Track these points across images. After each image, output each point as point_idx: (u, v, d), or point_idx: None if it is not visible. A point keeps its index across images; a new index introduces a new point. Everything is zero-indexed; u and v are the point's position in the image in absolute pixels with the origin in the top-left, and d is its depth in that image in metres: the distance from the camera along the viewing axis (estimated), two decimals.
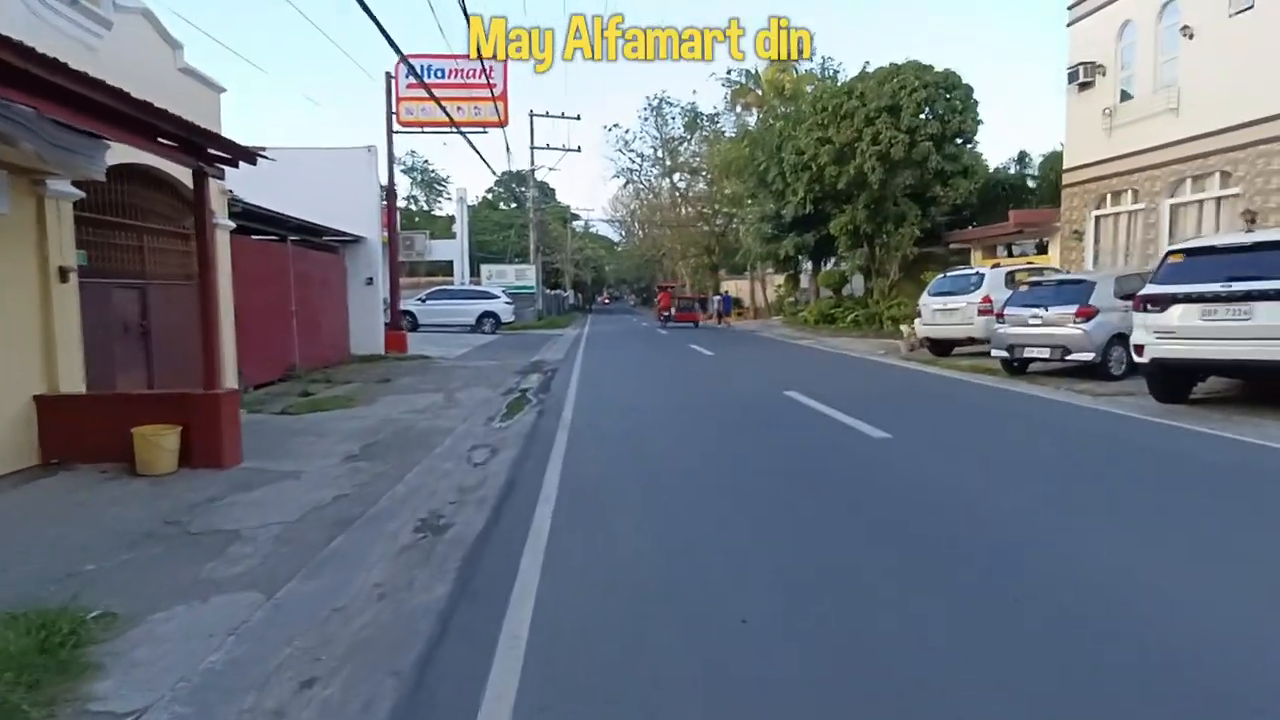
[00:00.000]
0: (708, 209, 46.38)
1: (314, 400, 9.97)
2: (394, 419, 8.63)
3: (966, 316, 13.41)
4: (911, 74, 19.72)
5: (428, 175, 64.61)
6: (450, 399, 10.37)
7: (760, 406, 9.02)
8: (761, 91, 37.17)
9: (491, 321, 26.31)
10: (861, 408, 8.15)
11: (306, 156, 15.87)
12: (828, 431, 7.08)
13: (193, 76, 8.40)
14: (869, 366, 13.66)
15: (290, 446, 7.06)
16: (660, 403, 9.75)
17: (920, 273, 23.78)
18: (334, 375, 13.11)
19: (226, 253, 9.26)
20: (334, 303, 15.24)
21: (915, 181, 19.84)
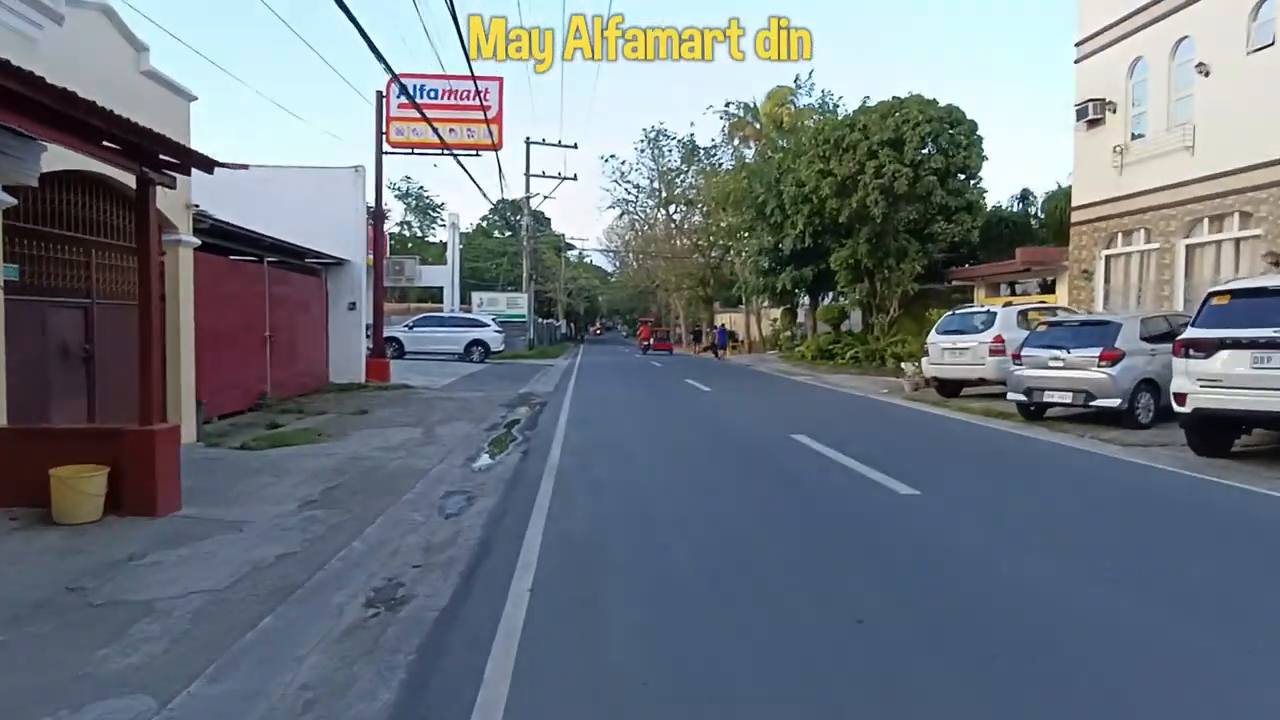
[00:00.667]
0: (703, 241, 46.08)
1: (280, 434, 9.18)
2: (364, 457, 7.85)
3: (977, 357, 12.79)
4: (915, 108, 19.40)
5: (422, 201, 64.28)
6: (429, 434, 9.60)
7: (767, 452, 8.28)
8: (760, 125, 37.13)
9: (480, 350, 25.56)
10: (878, 456, 7.44)
11: (291, 175, 15.27)
12: (847, 485, 6.33)
13: (158, 81, 7.76)
14: (875, 407, 12.98)
15: (242, 489, 6.27)
16: (656, 444, 9.00)
17: (921, 309, 23.29)
18: (308, 405, 12.32)
19: (189, 272, 8.54)
20: (313, 328, 14.50)
21: (919, 216, 19.40)
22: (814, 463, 7.36)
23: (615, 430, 10.24)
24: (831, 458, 7.48)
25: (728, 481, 6.63)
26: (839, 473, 6.80)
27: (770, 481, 6.64)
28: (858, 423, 10.90)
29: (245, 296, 11.37)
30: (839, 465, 7.11)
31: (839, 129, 20.00)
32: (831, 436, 8.77)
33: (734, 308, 56.39)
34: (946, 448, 8.66)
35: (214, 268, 10.17)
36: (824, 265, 25.88)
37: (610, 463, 7.67)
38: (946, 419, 11.13)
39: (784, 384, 18.41)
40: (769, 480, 6.71)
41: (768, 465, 7.39)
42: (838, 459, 7.38)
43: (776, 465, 7.38)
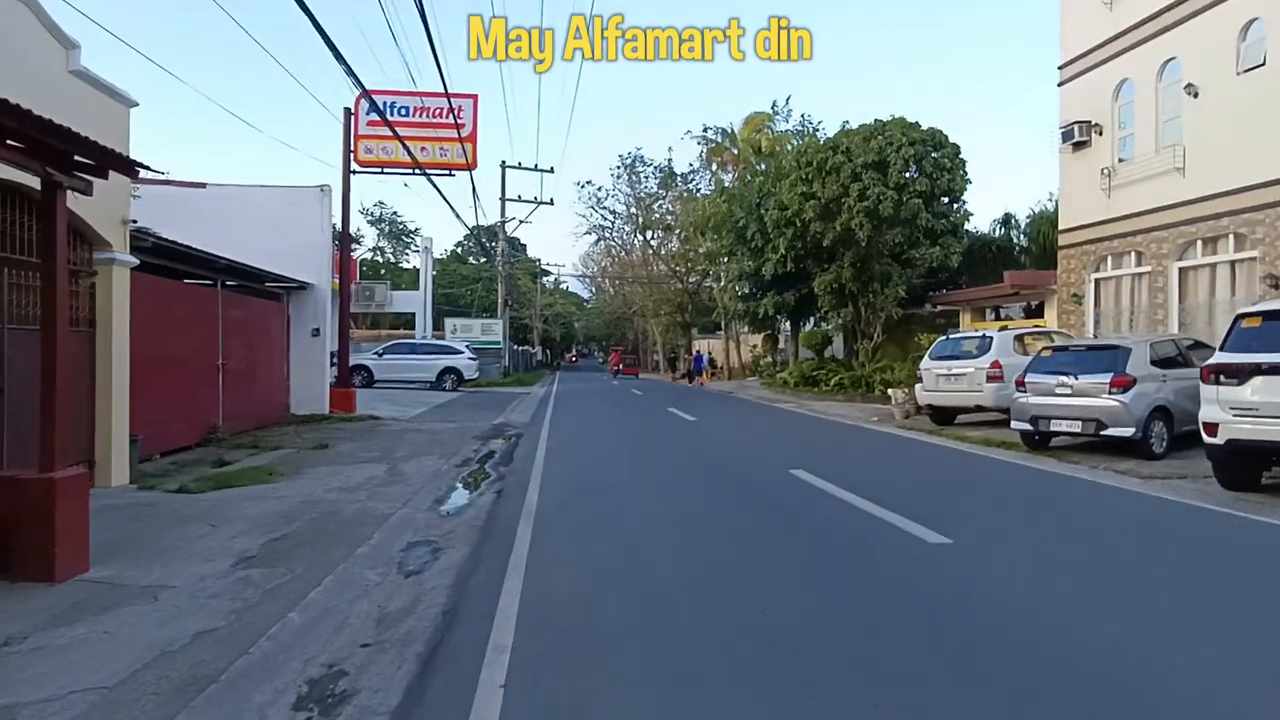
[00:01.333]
0: (681, 266, 45.72)
1: (226, 473, 8.29)
2: (318, 500, 7.01)
3: (974, 383, 12.28)
4: (898, 130, 19.15)
5: (395, 226, 63.34)
6: (394, 472, 8.76)
7: (768, 491, 7.55)
8: (737, 150, 37.04)
9: (453, 378, 24.66)
10: (890, 495, 6.77)
11: (253, 195, 14.46)
12: (867, 532, 5.59)
13: (89, 82, 6.99)
14: (870, 438, 12.36)
15: (169, 542, 5.42)
16: (644, 482, 8.25)
17: (904, 335, 22.92)
18: (264, 439, 11.40)
19: (125, 294, 7.69)
20: (273, 356, 13.60)
21: (904, 239, 19.05)
22: (823, 504, 6.64)
23: (598, 466, 9.47)
24: (840, 498, 6.78)
25: (730, 529, 5.86)
26: (853, 516, 6.08)
27: (780, 529, 5.87)
28: (856, 455, 10.25)
29: (195, 322, 10.50)
30: (850, 507, 6.41)
31: (822, 152, 19.67)
32: (832, 471, 8.10)
33: (712, 334, 56.10)
34: (960, 484, 8.00)
35: (158, 290, 9.32)
36: (806, 290, 25.49)
37: (595, 505, 6.90)
38: (948, 450, 10.53)
39: (770, 412, 17.78)
40: (779, 527, 5.94)
41: (772, 508, 6.64)
42: (847, 499, 6.69)
43: (782, 508, 6.63)
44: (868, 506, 6.27)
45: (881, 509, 6.11)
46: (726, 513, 6.46)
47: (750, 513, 6.43)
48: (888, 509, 6.09)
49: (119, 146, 7.46)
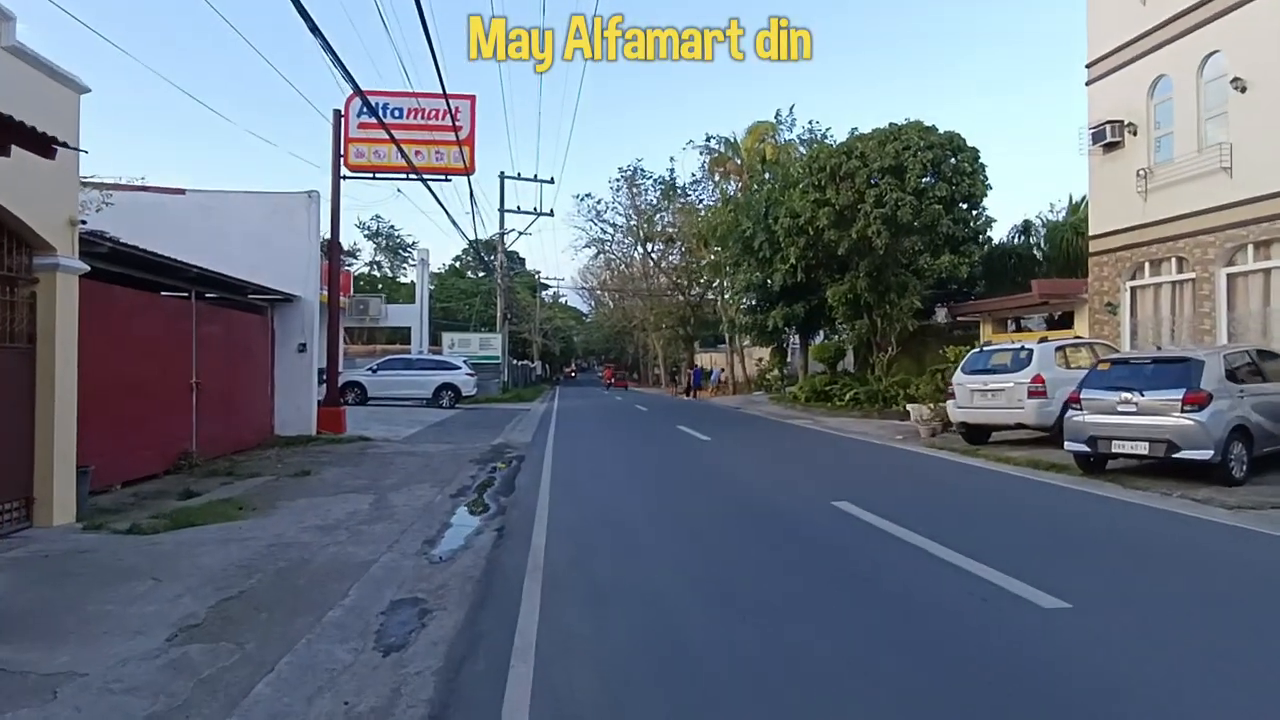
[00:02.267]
0: (683, 279, 44.91)
1: (189, 508, 7.29)
2: (290, 542, 6.02)
3: (1014, 399, 11.32)
4: (915, 134, 18.32)
5: (393, 240, 62.51)
6: (380, 505, 7.77)
7: (815, 531, 6.49)
8: (741, 160, 36.30)
9: (450, 395, 23.67)
10: (961, 535, 5.79)
11: (236, 201, 13.57)
12: (956, 591, 4.52)
13: (28, 60, 6.08)
14: (903, 460, 11.38)
15: (96, 606, 4.43)
16: (668, 519, 7.22)
17: (919, 347, 22.01)
18: (242, 465, 10.41)
19: (72, 304, 6.74)
20: (255, 374, 12.63)
21: (924, 246, 18.15)
22: (889, 551, 5.59)
23: (611, 497, 8.44)
24: (907, 541, 5.76)
25: (785, 587, 4.76)
26: (933, 569, 5.02)
27: (848, 591, 4.70)
28: (898, 482, 9.26)
29: (163, 337, 9.53)
30: (924, 554, 5.37)
31: (835, 157, 18.83)
32: (882, 504, 7.12)
33: (714, 347, 55.27)
34: (1035, 519, 6.96)
35: (116, 302, 8.36)
36: (816, 301, 24.63)
37: (613, 550, 5.87)
38: (997, 474, 9.54)
39: (786, 431, 16.80)
40: (846, 588, 4.76)
41: (830, 559, 5.52)
42: (915, 542, 5.66)
43: (843, 559, 5.51)
44: (944, 553, 5.26)
45: (963, 557, 5.10)
46: (772, 563, 5.40)
47: (808, 566, 5.30)
48: (971, 557, 5.07)
49: (66, 135, 6.53)
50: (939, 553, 5.28)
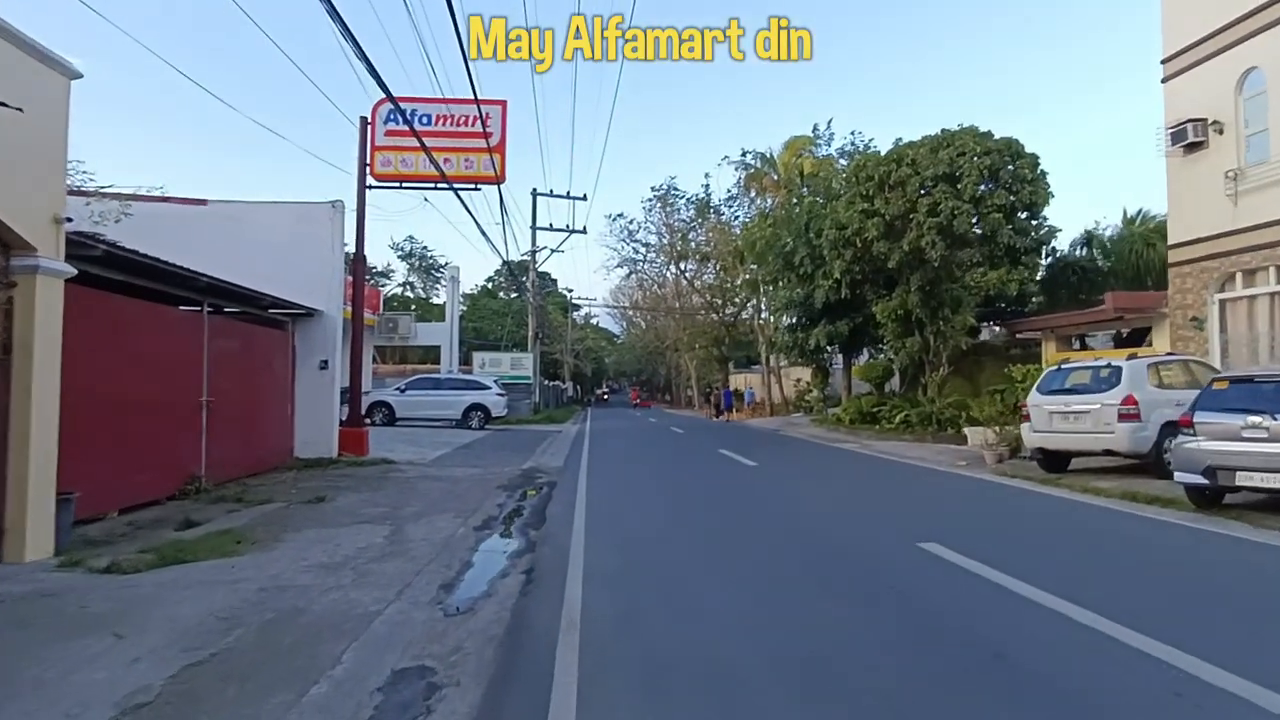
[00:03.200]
0: (717, 298, 43.97)
1: (183, 541, 6.49)
2: (286, 586, 5.16)
3: (1102, 422, 10.11)
4: (969, 140, 17.26)
5: (426, 260, 62.63)
6: (396, 538, 6.90)
7: (908, 583, 5.28)
8: (778, 176, 35.43)
9: (480, 416, 22.92)
10: (1099, 592, 4.71)
11: (258, 212, 13.02)
12: (1139, 682, 3.39)
13: (9, 39, 5.41)
14: (980, 491, 10.22)
15: (36, 672, 3.59)
16: (726, 564, 6.15)
17: (971, 367, 20.73)
18: (254, 490, 9.67)
19: (56, 312, 6.03)
20: (273, 392, 11.95)
21: (983, 259, 16.98)
22: (1015, 613, 4.40)
23: (654, 533, 7.42)
24: (1031, 598, 4.62)
25: (898, 668, 3.61)
26: (1085, 641, 3.80)
27: (986, 676, 3.45)
28: (985, 517, 8.11)
29: (169, 351, 8.85)
30: (1062, 618, 4.19)
31: (884, 165, 17.81)
32: (977, 546, 6.04)
33: (748, 368, 54.09)
34: (1174, 571, 5.72)
35: (114, 311, 7.70)
36: (860, 319, 23.51)
37: (665, 607, 4.81)
38: (1096, 510, 8.33)
39: (836, 456, 15.65)
40: (980, 671, 3.51)
41: (940, 620, 4.36)
42: (1045, 602, 4.50)
43: (954, 620, 4.36)
44: (1095, 621, 4.13)
45: (1122, 628, 3.95)
46: (876, 632, 4.25)
47: (919, 637, 4.09)
48: (1132, 628, 3.94)
49: (53, 125, 5.86)
50: (1087, 619, 4.15)
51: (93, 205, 11.86)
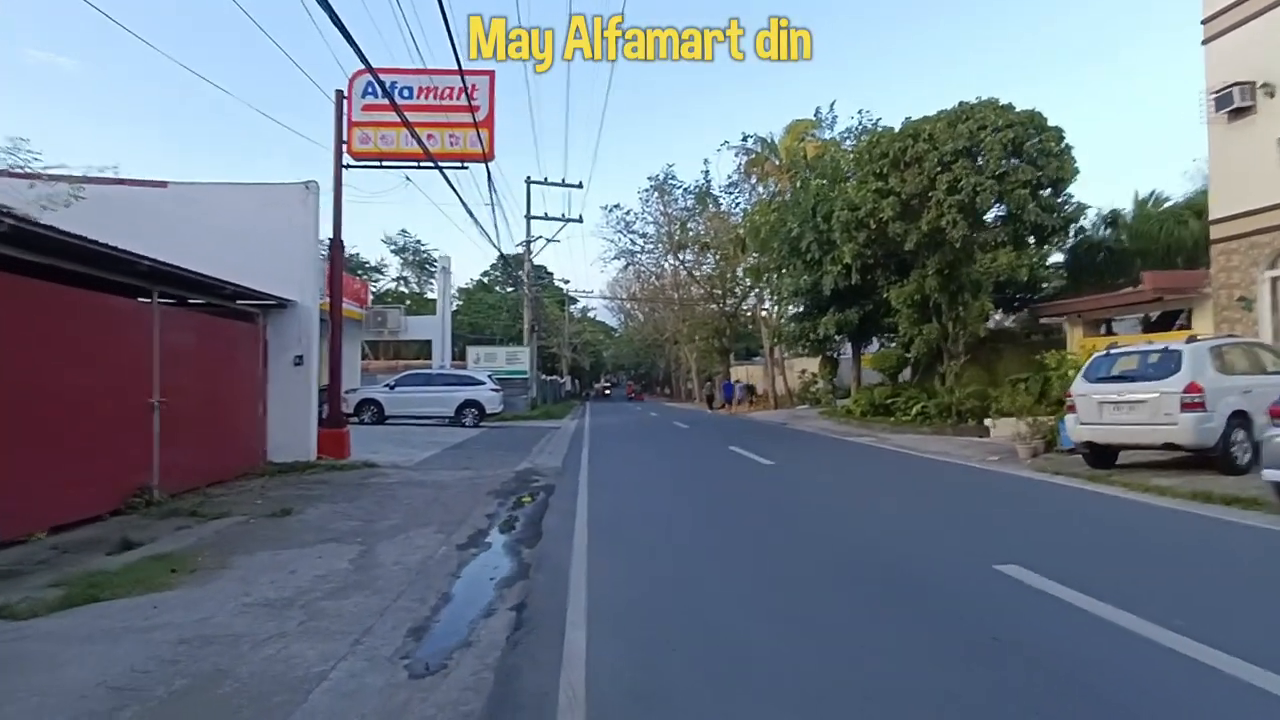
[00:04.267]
0: (718, 288, 42.85)
1: (101, 574, 5.42)
2: (213, 635, 4.10)
3: (1160, 413, 9.08)
4: (990, 112, 16.16)
5: (419, 255, 61.38)
6: (364, 561, 5.84)
7: (999, 621, 4.13)
8: (779, 160, 34.33)
9: (474, 413, 21.85)
10: (1245, 635, 3.66)
11: (224, 194, 11.94)
12: None
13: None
14: (1028, 490, 9.18)
15: None
16: (768, 593, 4.95)
17: (989, 355, 19.68)
18: (214, 501, 8.62)
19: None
20: (241, 390, 10.88)
21: (1008, 238, 15.89)
22: (1158, 664, 3.46)
23: (672, 553, 6.26)
24: (1176, 649, 3.63)
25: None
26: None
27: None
28: (1054, 528, 7.03)
29: (109, 346, 7.77)
30: (1249, 687, 3.25)
31: (898, 140, 16.71)
32: (1064, 569, 5.00)
33: (749, 360, 53.06)
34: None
35: (34, 300, 6.61)
36: (871, 306, 22.47)
37: (704, 668, 3.60)
38: (1175, 514, 7.28)
39: (855, 451, 14.60)
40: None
41: (1067, 679, 3.27)
42: (1205, 659, 3.50)
43: (1086, 675, 3.31)
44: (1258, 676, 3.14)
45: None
46: (985, 703, 3.27)
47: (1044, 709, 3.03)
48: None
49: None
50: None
51: (38, 188, 10.80)
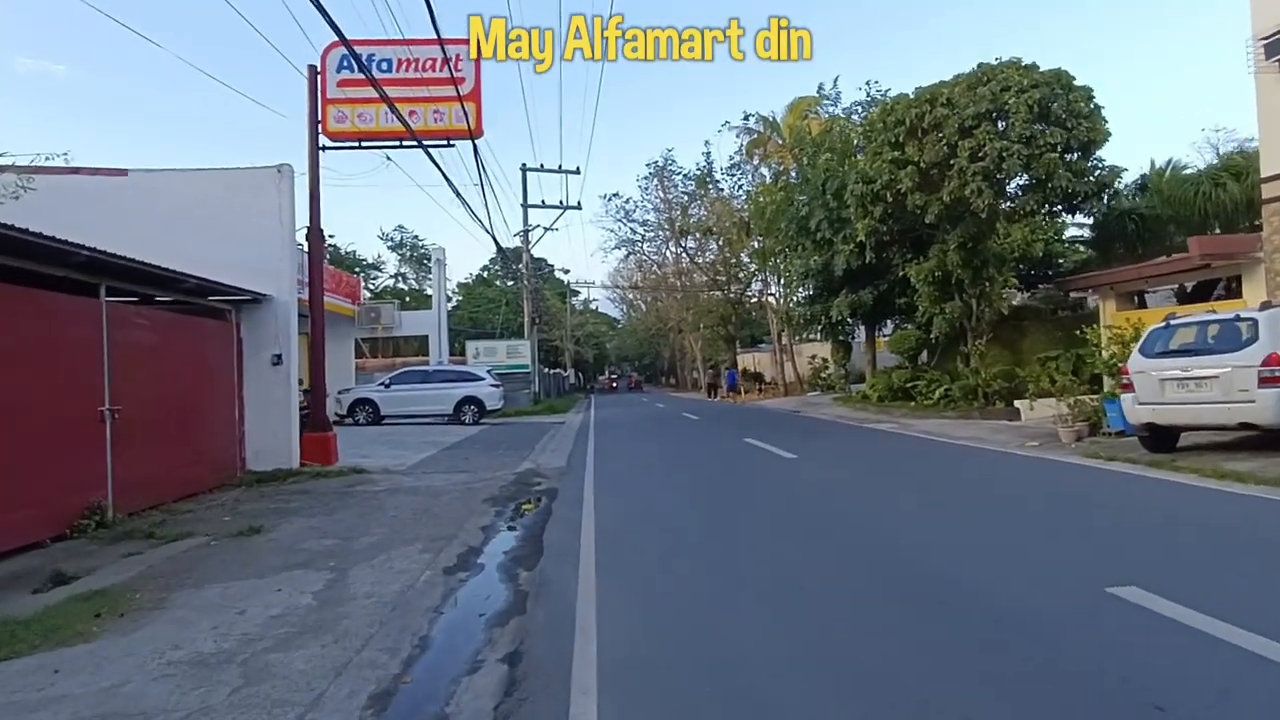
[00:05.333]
0: (722, 275, 41.82)
1: (5, 625, 4.48)
2: (109, 716, 3.16)
3: (1234, 389, 8.08)
4: (1013, 73, 15.07)
5: (417, 251, 60.30)
6: (332, 593, 4.90)
7: (1153, 675, 3.35)
8: (782, 139, 33.25)
9: (474, 410, 20.92)
10: None
11: (187, 181, 11.01)
12: None
13: None
14: (1092, 482, 8.19)
15: None
16: (837, 639, 4.03)
17: (1010, 333, 18.66)
18: (176, 519, 7.71)
19: None
20: (212, 394, 9.94)
21: (1037, 206, 14.84)
22: None
23: (696, 575, 5.26)
24: None
25: None
26: None
27: None
28: (1143, 528, 6.02)
29: (42, 349, 6.82)
30: None
31: (916, 106, 15.63)
32: (1195, 590, 4.03)
33: (754, 347, 52.07)
34: None
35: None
36: (885, 286, 21.44)
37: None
38: (1267, 503, 6.33)
39: (883, 440, 13.60)
40: None
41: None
42: None
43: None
44: None
45: None
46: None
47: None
48: None
49: None
50: None
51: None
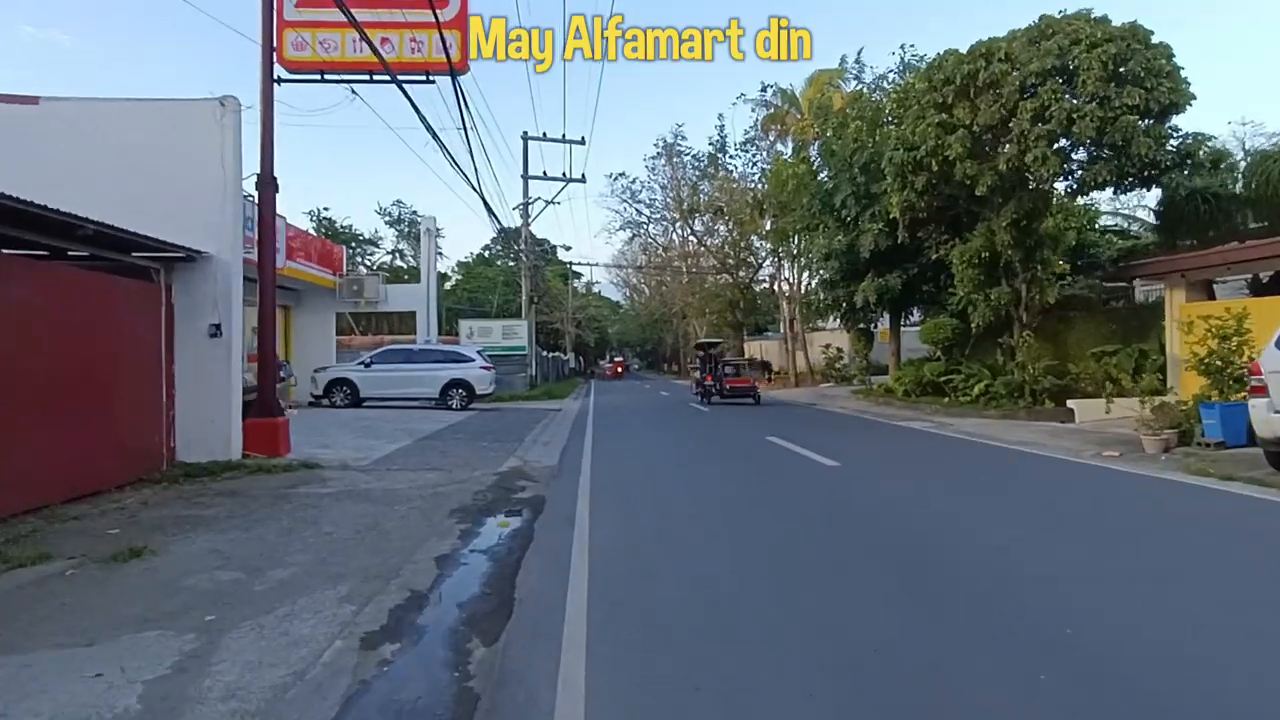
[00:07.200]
0: (731, 259, 39.93)
1: None
2: None
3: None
4: (1082, 24, 13.16)
5: (415, 227, 58.29)
6: (175, 683, 3.11)
7: None
8: (800, 115, 31.29)
9: (462, 394, 19.14)
10: None
11: (110, 113, 9.22)
12: None
13: None
14: (1219, 509, 6.44)
15: None
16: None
17: (1056, 325, 16.84)
18: (46, 531, 5.96)
19: None
20: (129, 369, 8.15)
21: (1111, 177, 12.96)
22: None
23: (750, 667, 3.57)
24: None
25: None
26: None
27: None
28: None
29: None
30: None
31: (968, 62, 13.70)
32: None
33: (761, 335, 50.30)
34: None
35: None
36: (916, 269, 19.62)
37: None
38: None
39: (929, 443, 11.78)
40: None
41: None
42: None
43: None
44: None
45: None
46: None
47: None
48: None
49: None
50: None
51: None
